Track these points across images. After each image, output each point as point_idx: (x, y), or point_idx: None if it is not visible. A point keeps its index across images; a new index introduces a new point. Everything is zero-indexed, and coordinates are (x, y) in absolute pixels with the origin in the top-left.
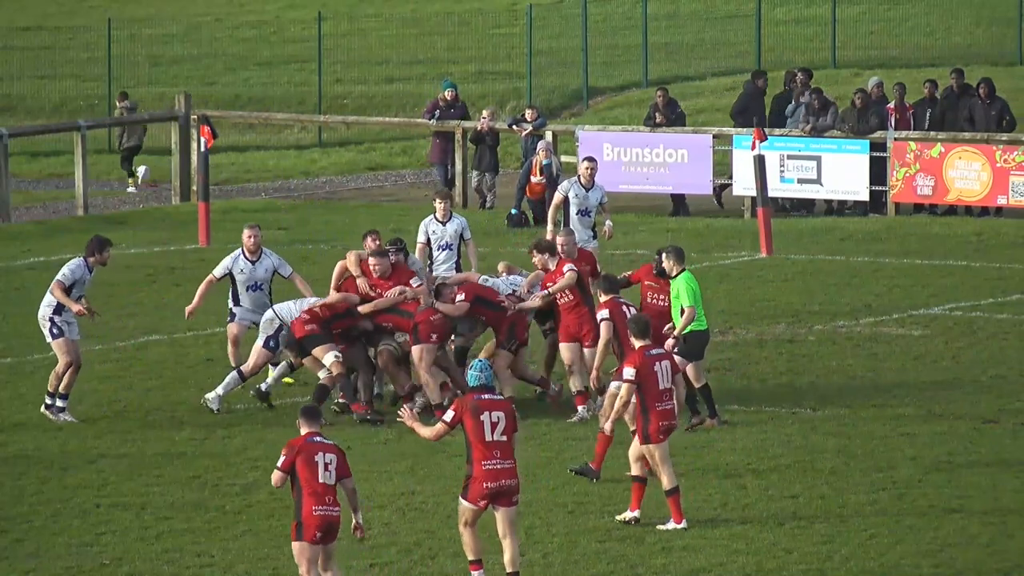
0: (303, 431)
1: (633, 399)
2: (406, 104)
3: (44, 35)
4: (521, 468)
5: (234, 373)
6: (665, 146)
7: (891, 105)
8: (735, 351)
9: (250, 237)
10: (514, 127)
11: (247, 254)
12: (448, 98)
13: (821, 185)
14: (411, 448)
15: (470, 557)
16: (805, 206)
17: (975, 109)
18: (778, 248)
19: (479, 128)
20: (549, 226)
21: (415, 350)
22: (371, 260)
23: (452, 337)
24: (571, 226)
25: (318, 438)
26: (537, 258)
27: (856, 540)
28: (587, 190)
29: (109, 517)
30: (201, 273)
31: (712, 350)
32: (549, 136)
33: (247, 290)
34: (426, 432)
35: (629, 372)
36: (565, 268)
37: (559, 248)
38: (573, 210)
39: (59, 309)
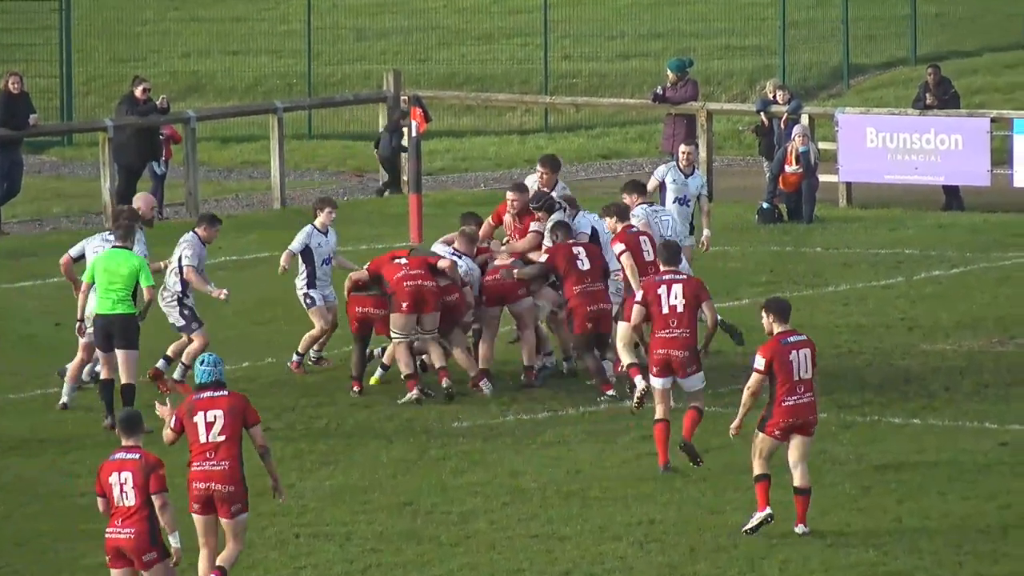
0: (122, 443)
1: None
2: (643, 83)
3: (235, 6)
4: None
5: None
6: (936, 131)
7: None
8: (1017, 363)
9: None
10: (762, 112)
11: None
12: (673, 80)
13: None
14: (649, 471)
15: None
16: None
17: None
18: None
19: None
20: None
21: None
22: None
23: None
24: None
25: (119, 454)
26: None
27: None
28: (687, 176)
29: (310, 548)
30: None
31: (991, 361)
32: (805, 120)
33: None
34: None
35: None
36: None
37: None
38: (670, 197)
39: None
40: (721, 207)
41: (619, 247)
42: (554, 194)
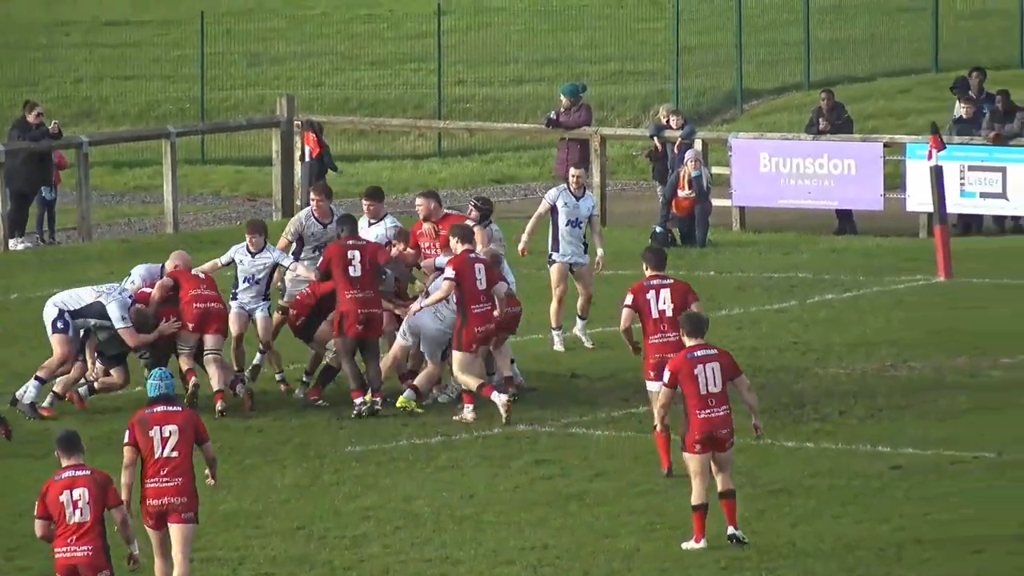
0: (61, 463)
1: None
2: (537, 108)
3: (129, 31)
4: None
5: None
6: (830, 156)
7: None
8: (910, 386)
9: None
10: (655, 137)
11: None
12: (567, 105)
13: (1007, 200)
14: (543, 496)
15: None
16: (973, 223)
17: None
18: (958, 271)
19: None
20: (524, 237)
21: None
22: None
23: None
24: (560, 238)
25: (68, 472)
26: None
27: None
28: (577, 199)
29: (203, 573)
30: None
31: (885, 385)
32: (699, 145)
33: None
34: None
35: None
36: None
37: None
38: (563, 220)
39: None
40: (615, 231)
41: (449, 272)
42: (391, 227)
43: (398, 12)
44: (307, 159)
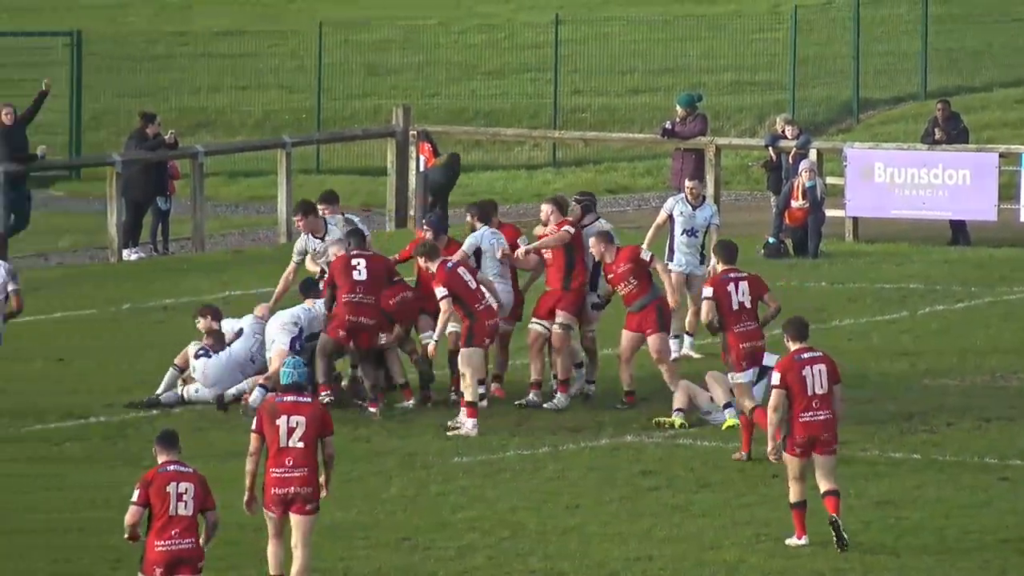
0: (159, 459)
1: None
2: (652, 118)
3: (246, 41)
4: None
5: None
6: (945, 166)
7: None
8: (1019, 398)
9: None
10: (770, 147)
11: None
12: (682, 115)
13: None
14: (649, 507)
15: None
16: None
17: None
18: None
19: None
20: (644, 245)
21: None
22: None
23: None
24: (676, 247)
25: (173, 466)
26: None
27: None
28: (694, 208)
29: None
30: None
31: (994, 396)
32: (813, 155)
33: None
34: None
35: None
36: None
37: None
38: (678, 230)
39: None
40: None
41: (440, 291)
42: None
43: (515, 22)
44: (422, 169)
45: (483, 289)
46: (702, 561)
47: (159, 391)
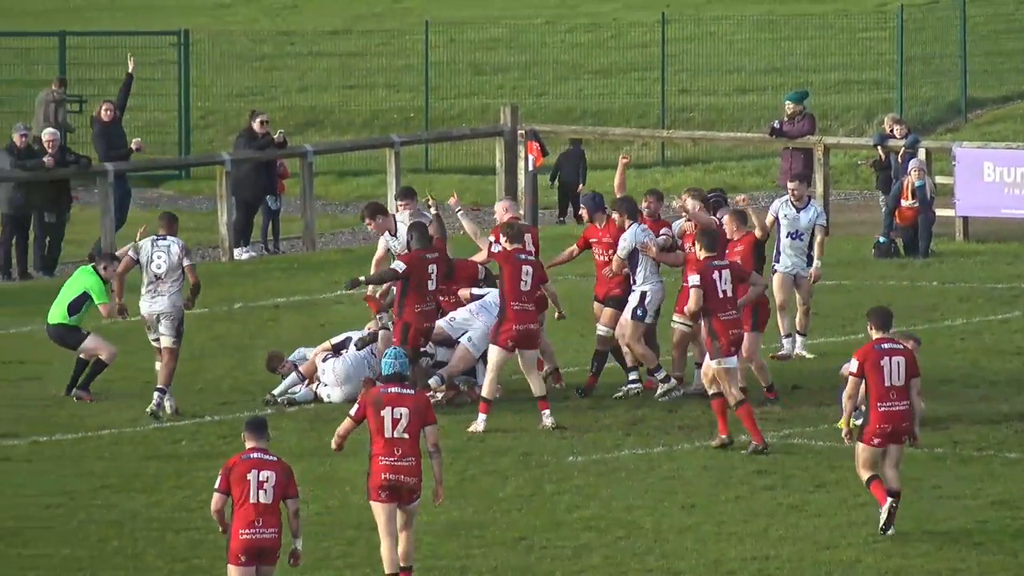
0: (246, 446)
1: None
2: (760, 118)
3: (353, 40)
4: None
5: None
6: None
7: None
8: None
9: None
10: (879, 147)
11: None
12: (791, 112)
13: None
14: (764, 506)
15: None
16: None
17: None
18: None
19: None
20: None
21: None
22: None
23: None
24: (781, 249)
25: (256, 454)
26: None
27: None
28: (798, 211)
29: None
30: None
31: None
32: (922, 154)
33: None
34: (338, 429)
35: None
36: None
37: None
38: (783, 232)
39: None
40: (837, 241)
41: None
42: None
43: (621, 21)
44: (530, 168)
45: (535, 295)
46: (818, 561)
47: (276, 391)
